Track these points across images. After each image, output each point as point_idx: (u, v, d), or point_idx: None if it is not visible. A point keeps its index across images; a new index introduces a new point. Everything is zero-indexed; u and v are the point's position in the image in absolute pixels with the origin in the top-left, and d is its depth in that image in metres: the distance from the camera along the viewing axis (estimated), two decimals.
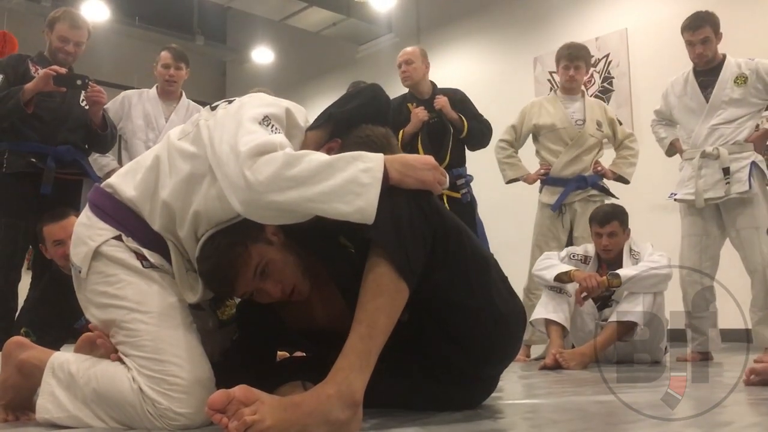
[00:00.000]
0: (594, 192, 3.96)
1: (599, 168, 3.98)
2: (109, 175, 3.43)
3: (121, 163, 3.71)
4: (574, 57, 4.02)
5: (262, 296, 1.58)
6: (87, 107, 3.22)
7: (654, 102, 3.99)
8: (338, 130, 1.69)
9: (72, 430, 1.47)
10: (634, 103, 5.83)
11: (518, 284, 3.55)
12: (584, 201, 3.95)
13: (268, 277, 1.54)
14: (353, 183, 1.38)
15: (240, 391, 1.24)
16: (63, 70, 3.02)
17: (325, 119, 1.69)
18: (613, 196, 4.00)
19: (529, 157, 4.18)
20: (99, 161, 3.68)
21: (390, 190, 1.40)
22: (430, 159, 1.49)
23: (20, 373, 1.60)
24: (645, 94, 5.65)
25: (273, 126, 1.50)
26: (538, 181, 4.06)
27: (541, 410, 1.76)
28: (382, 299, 1.36)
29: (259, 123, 1.49)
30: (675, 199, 3.65)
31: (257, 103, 1.58)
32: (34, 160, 3.12)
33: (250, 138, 1.42)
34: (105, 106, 3.67)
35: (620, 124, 4.17)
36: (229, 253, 1.51)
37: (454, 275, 1.48)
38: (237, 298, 1.73)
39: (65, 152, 3.19)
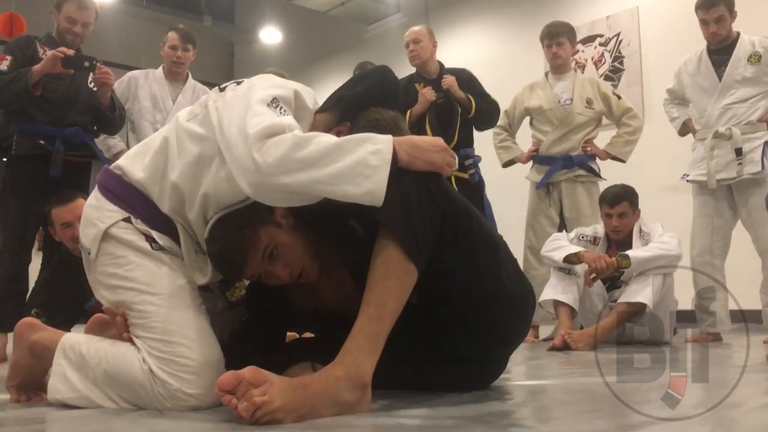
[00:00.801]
0: (581, 172, 3.90)
1: (588, 148, 3.91)
2: (116, 156, 3.43)
3: (128, 145, 3.70)
4: (554, 34, 3.96)
5: (271, 279, 1.58)
6: (95, 89, 3.22)
7: (665, 81, 3.94)
8: (347, 113, 1.68)
9: (83, 410, 1.48)
10: (645, 82, 5.77)
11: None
12: (571, 181, 3.90)
13: (276, 259, 1.54)
14: (362, 165, 1.37)
15: (249, 372, 1.24)
16: (71, 52, 3.01)
17: (334, 102, 1.68)
18: (600, 177, 3.94)
19: (528, 141, 4.15)
20: (106, 142, 3.68)
21: (399, 173, 1.39)
22: (439, 141, 1.48)
23: (32, 354, 1.61)
24: (656, 73, 5.59)
25: (281, 108, 1.50)
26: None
27: (550, 391, 1.76)
28: (391, 281, 1.36)
29: (268, 105, 1.48)
30: (687, 180, 3.62)
31: (266, 84, 1.57)
32: (42, 142, 3.12)
33: (259, 120, 1.42)
34: (112, 87, 3.68)
35: (619, 98, 4.04)
36: (238, 235, 1.51)
37: (463, 257, 1.48)
38: (246, 280, 1.74)
39: (74, 134, 3.19)
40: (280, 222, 1.57)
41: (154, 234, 1.58)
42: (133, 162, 1.64)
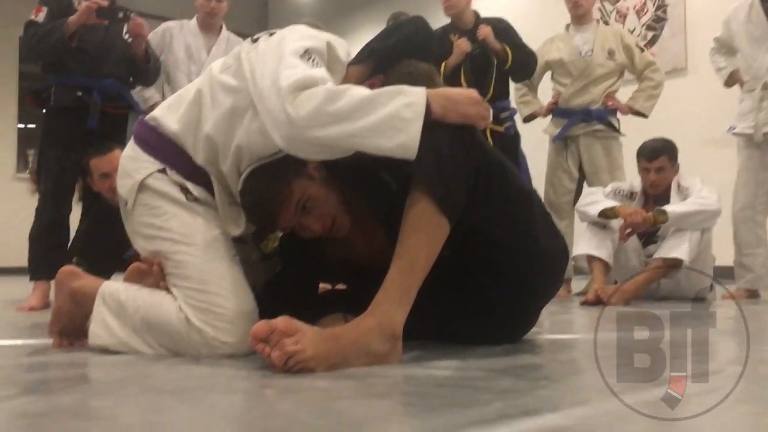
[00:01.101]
0: (600, 127, 3.81)
1: (610, 102, 3.81)
2: (152, 108, 3.45)
3: (163, 97, 3.72)
4: None
5: (304, 231, 1.59)
6: (130, 40, 3.23)
7: (711, 30, 3.80)
8: (380, 66, 1.66)
9: (122, 355, 1.53)
10: (689, 32, 5.56)
11: None
12: (589, 135, 3.80)
13: (309, 212, 1.55)
14: (395, 118, 1.36)
15: (282, 322, 1.26)
16: (105, 3, 3.02)
17: (367, 54, 1.67)
18: (620, 133, 3.83)
19: (550, 96, 4.06)
20: (142, 94, 3.71)
21: (432, 125, 1.37)
22: (473, 93, 1.46)
23: (73, 301, 1.66)
24: (701, 22, 5.38)
25: (314, 59, 1.49)
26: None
27: (581, 346, 1.76)
28: (423, 235, 1.36)
29: (300, 56, 1.47)
30: (733, 134, 3.51)
31: (298, 36, 1.55)
32: (80, 94, 3.15)
33: (292, 72, 1.41)
34: (147, 39, 3.68)
35: (642, 51, 3.91)
36: (271, 188, 1.51)
37: (496, 211, 1.47)
38: (279, 232, 1.75)
39: (110, 85, 3.22)
40: (313, 175, 1.57)
41: (189, 185, 1.60)
42: (168, 113, 1.65)
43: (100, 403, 1.09)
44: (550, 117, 3.99)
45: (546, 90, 4.09)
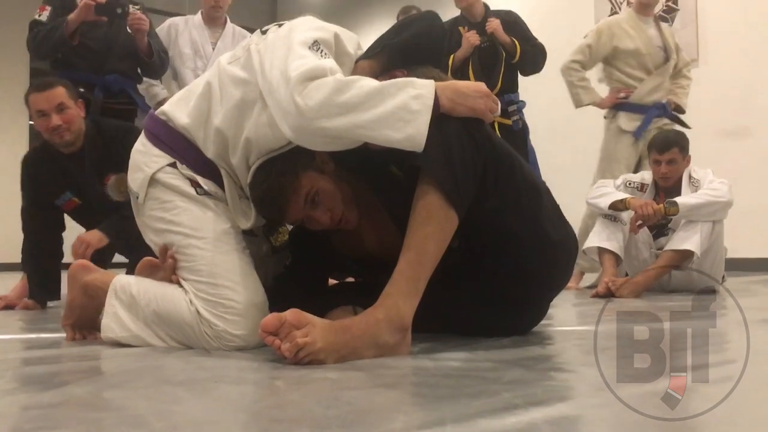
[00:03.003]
0: (667, 120, 3.83)
1: (672, 98, 3.84)
2: (160, 105, 3.46)
3: (171, 93, 3.73)
4: None
5: (313, 224, 1.60)
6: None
7: (722, 21, 3.78)
8: (393, 61, 1.65)
9: (135, 348, 1.55)
10: (701, 22, 5.52)
11: (572, 210, 3.48)
12: (658, 130, 3.79)
13: (318, 204, 1.56)
14: (403, 110, 1.36)
15: (292, 314, 1.27)
16: None
17: (379, 49, 1.66)
18: (686, 126, 3.83)
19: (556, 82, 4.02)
20: (150, 90, 3.72)
21: (441, 118, 1.38)
22: (481, 86, 1.46)
23: (85, 295, 1.67)
24: (712, 12, 5.33)
25: (322, 51, 1.49)
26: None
27: (591, 337, 1.75)
28: (432, 226, 1.36)
29: (309, 47, 1.48)
30: None
31: (307, 26, 1.56)
32: (82, 90, 3.13)
33: (301, 63, 1.41)
34: (150, 32, 3.68)
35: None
36: (280, 180, 1.52)
37: (505, 203, 1.47)
38: (288, 225, 1.76)
39: (113, 82, 3.23)
40: (322, 168, 1.57)
41: (199, 179, 1.61)
42: (177, 107, 1.66)
43: (112, 394, 1.11)
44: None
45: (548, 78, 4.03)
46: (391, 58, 1.65)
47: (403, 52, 1.66)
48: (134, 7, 3.22)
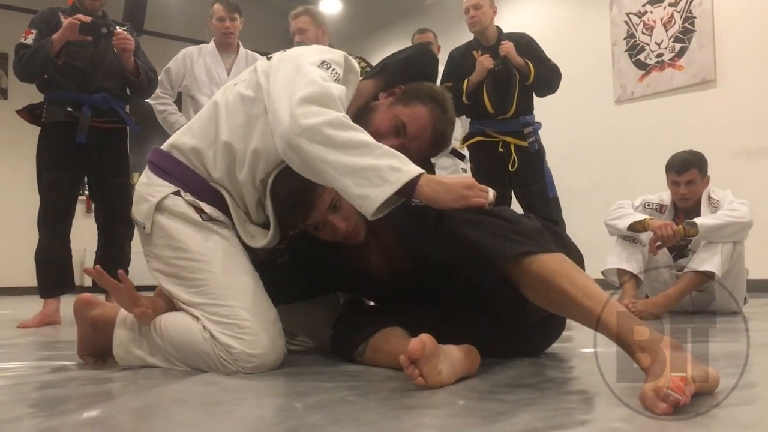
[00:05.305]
0: None
1: None
2: None
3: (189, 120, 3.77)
4: None
5: (327, 231, 1.61)
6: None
7: (739, 42, 3.77)
8: (391, 80, 1.73)
9: (153, 369, 1.55)
10: (718, 43, 5.51)
11: (588, 231, 3.47)
12: None
13: (338, 211, 1.58)
14: (375, 172, 1.36)
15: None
16: (87, 19, 3.04)
17: (379, 69, 1.75)
18: None
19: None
20: (168, 119, 3.74)
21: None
22: (468, 179, 1.43)
23: (93, 329, 1.70)
24: (729, 33, 5.32)
25: (332, 69, 1.54)
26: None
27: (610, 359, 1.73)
28: (573, 276, 1.27)
29: (318, 66, 1.52)
30: None
31: (314, 50, 1.63)
32: (70, 109, 3.16)
33: (310, 83, 1.46)
34: (167, 66, 3.73)
35: None
36: (305, 179, 1.52)
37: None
38: (304, 227, 1.75)
39: (101, 100, 3.22)
40: None
41: (203, 205, 1.63)
42: (182, 135, 1.70)
43: (132, 417, 1.11)
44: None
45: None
46: (389, 77, 1.74)
47: (399, 71, 1.75)
48: (121, 28, 3.23)
